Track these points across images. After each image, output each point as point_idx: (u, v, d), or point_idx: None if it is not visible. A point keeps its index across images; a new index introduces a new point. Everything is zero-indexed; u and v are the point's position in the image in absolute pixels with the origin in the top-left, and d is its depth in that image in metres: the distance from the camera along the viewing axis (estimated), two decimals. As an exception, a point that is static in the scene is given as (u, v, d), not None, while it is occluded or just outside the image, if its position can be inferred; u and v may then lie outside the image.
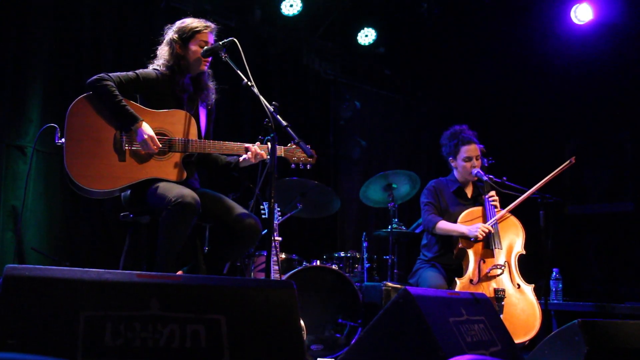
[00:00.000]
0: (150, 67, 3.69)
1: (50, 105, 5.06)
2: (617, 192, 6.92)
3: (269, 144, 3.36)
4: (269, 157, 3.33)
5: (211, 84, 3.83)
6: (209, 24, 3.71)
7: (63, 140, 3.31)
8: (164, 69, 3.62)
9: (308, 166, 3.75)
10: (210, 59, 3.69)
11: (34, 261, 4.83)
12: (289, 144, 3.68)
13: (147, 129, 3.38)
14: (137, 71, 3.56)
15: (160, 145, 3.42)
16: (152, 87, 3.57)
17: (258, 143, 3.61)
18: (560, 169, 4.43)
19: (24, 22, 5.01)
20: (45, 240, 5.00)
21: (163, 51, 3.68)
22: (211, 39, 3.70)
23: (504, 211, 4.53)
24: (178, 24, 3.70)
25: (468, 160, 4.66)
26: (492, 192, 4.62)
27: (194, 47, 3.63)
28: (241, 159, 3.67)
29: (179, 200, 3.20)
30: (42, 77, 5.08)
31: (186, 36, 3.62)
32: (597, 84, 6.86)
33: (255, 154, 3.59)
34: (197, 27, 3.64)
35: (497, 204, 4.60)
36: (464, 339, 2.52)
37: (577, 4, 6.61)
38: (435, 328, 2.35)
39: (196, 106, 3.75)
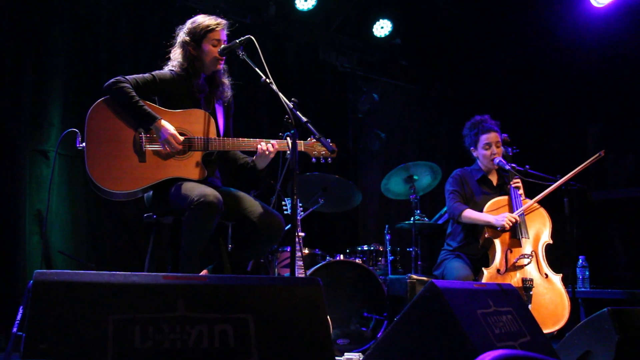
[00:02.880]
0: (166, 68, 3.69)
1: (70, 109, 5.10)
2: (641, 176, 6.82)
3: (288, 139, 3.36)
4: (289, 152, 3.32)
5: (226, 80, 3.81)
6: (220, 20, 3.68)
7: (84, 144, 3.34)
8: (179, 69, 3.62)
9: (329, 160, 3.71)
10: (225, 57, 3.68)
11: (61, 264, 4.88)
12: (308, 139, 3.66)
13: (168, 126, 3.39)
14: (153, 73, 3.57)
15: (182, 140, 3.43)
16: (169, 88, 3.57)
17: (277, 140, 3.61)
18: (589, 161, 4.38)
19: (42, 27, 5.05)
20: (71, 243, 5.05)
21: (176, 54, 3.66)
22: (223, 35, 3.67)
23: (531, 202, 4.48)
24: (189, 24, 3.66)
25: (488, 147, 4.63)
26: (517, 179, 4.57)
27: (207, 47, 3.61)
28: (254, 158, 3.66)
29: (202, 199, 3.20)
30: (62, 81, 5.12)
31: (198, 37, 3.59)
32: (618, 67, 6.74)
33: (263, 150, 3.54)
34: (208, 26, 3.61)
35: (521, 188, 4.55)
36: (492, 331, 2.50)
37: (596, -14, 6.51)
38: (463, 321, 2.33)
39: (213, 104, 3.75)
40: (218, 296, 2.05)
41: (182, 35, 3.65)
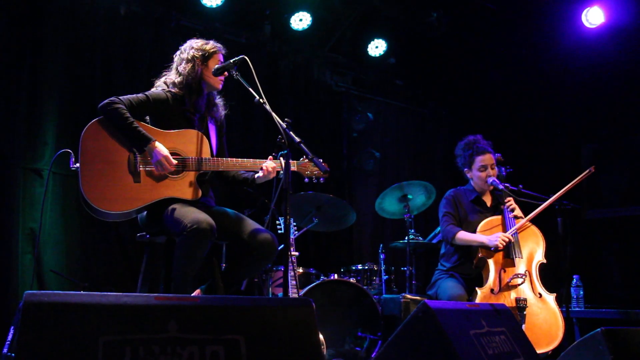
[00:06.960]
0: (159, 87, 3.69)
1: (64, 128, 5.10)
2: (635, 195, 6.84)
3: (281, 159, 3.36)
4: (282, 171, 3.33)
5: (219, 100, 3.86)
6: (219, 44, 3.77)
7: (78, 165, 3.33)
8: (176, 88, 3.62)
9: (321, 180, 3.72)
10: (223, 77, 3.71)
11: (53, 283, 4.85)
12: (301, 159, 3.67)
13: (161, 148, 3.39)
14: (146, 92, 3.58)
15: (175, 163, 3.43)
16: (163, 108, 3.58)
17: (270, 158, 3.61)
18: (580, 178, 4.40)
19: (37, 44, 5.06)
20: (64, 262, 5.03)
21: (183, 68, 3.64)
22: (222, 58, 3.75)
23: (523, 220, 4.48)
24: (193, 44, 3.70)
25: (483, 169, 4.63)
26: (509, 198, 4.58)
27: (212, 66, 3.65)
28: (256, 176, 3.68)
29: (194, 226, 3.19)
30: (56, 100, 5.12)
31: (208, 55, 3.66)
32: (611, 87, 6.81)
33: (269, 171, 3.59)
34: (215, 47, 3.70)
35: (516, 209, 4.55)
36: (486, 352, 2.49)
37: (588, 8, 6.57)
38: (456, 342, 2.33)
39: (206, 124, 3.76)
40: (210, 317, 2.04)
41: (191, 51, 3.66)
